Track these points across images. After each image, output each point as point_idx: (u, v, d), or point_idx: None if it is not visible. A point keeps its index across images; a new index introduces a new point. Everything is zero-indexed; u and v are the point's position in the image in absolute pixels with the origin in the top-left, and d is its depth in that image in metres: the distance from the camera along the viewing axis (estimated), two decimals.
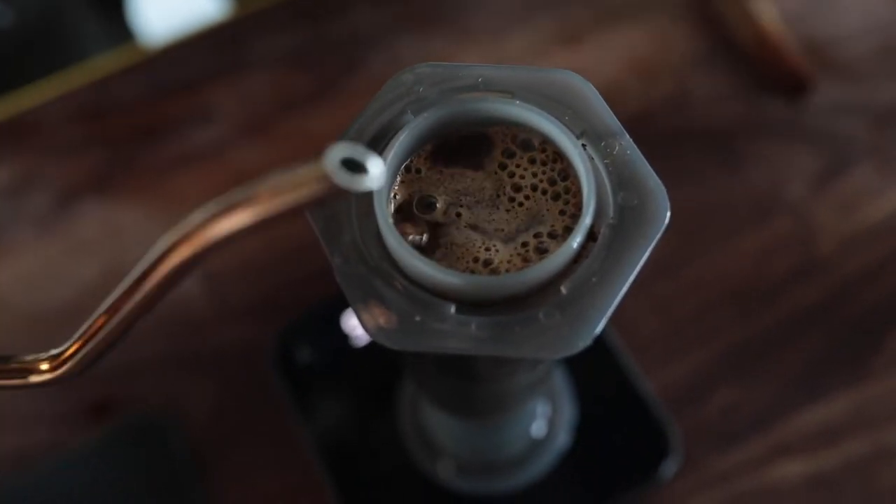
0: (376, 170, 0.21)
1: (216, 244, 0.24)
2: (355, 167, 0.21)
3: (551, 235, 0.28)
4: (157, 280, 0.25)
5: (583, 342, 0.26)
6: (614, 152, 0.29)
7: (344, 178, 0.21)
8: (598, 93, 0.30)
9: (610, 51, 0.61)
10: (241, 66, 0.63)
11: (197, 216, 0.23)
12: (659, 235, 0.28)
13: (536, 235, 0.28)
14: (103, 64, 0.62)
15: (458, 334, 0.27)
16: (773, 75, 0.59)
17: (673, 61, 0.61)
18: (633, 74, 0.61)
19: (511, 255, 0.28)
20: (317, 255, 0.58)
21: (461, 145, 0.30)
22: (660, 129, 0.58)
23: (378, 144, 0.29)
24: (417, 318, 0.27)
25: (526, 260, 0.28)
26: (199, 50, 0.64)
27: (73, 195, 0.58)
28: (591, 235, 0.28)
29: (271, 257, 0.55)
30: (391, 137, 0.29)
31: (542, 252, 0.28)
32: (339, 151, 0.21)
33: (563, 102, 0.30)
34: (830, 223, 0.55)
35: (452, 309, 0.27)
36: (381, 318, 0.27)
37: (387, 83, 0.31)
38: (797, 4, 0.63)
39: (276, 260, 0.55)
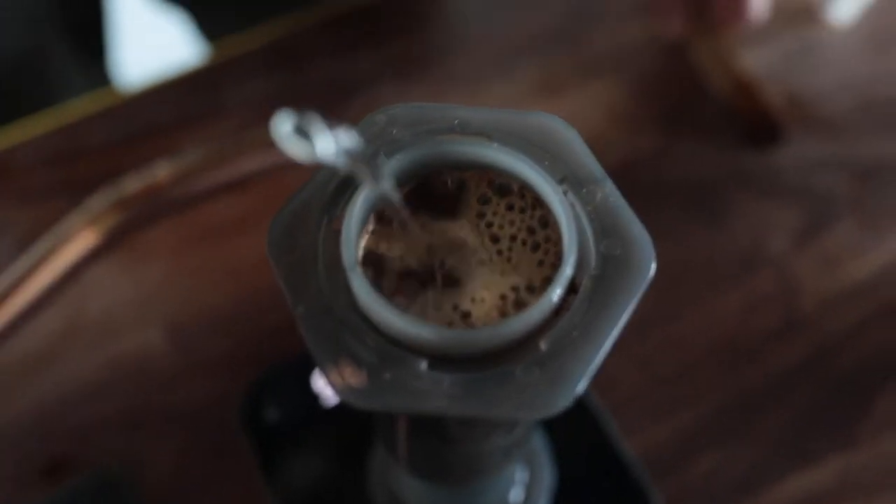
0: (323, 137, 0.22)
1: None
2: (305, 136, 0.22)
3: (529, 289, 0.27)
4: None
5: (564, 401, 0.25)
6: (596, 199, 0.28)
7: (293, 146, 0.22)
8: (580, 137, 0.29)
9: (590, 101, 0.60)
10: (217, 111, 0.61)
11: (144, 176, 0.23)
12: (644, 287, 0.26)
13: (514, 288, 0.27)
14: (76, 108, 0.61)
15: (431, 393, 0.25)
16: (749, 124, 0.58)
17: (653, 113, 0.60)
18: (614, 126, 0.60)
19: (488, 309, 0.26)
20: (286, 308, 0.56)
21: (436, 190, 0.28)
22: (640, 182, 0.57)
23: (347, 187, 0.28)
24: (387, 376, 0.25)
25: (503, 313, 0.26)
26: (174, 95, 0.62)
27: (36, 241, 0.55)
28: (572, 287, 0.27)
29: (239, 310, 0.53)
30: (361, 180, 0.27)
31: (520, 306, 0.26)
32: (286, 120, 0.22)
33: (544, 147, 0.28)
34: (813, 280, 0.54)
35: (425, 365, 0.25)
36: (348, 376, 0.25)
37: (359, 123, 0.29)
38: (775, 59, 0.63)
39: (243, 313, 0.53)
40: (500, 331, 0.25)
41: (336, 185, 0.28)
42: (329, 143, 0.22)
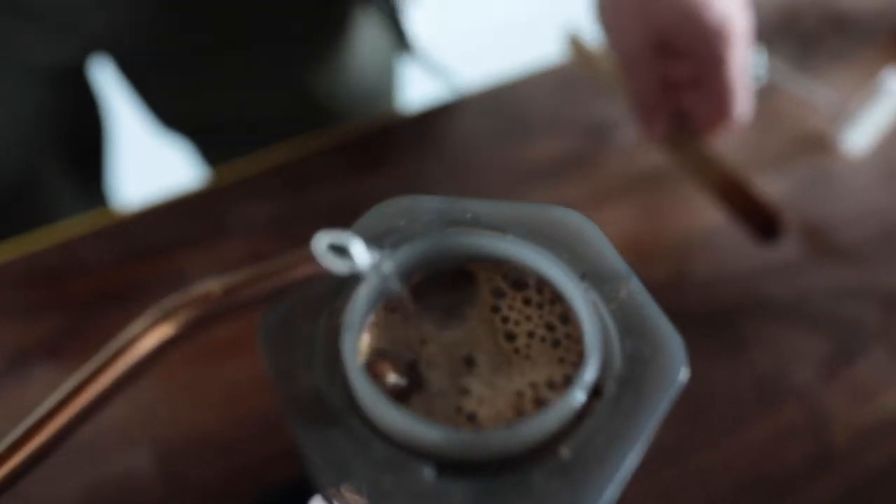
0: (359, 252, 0.23)
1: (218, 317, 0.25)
2: (341, 252, 0.23)
3: (549, 386, 0.24)
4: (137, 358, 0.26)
5: None
6: (620, 296, 0.25)
7: (330, 262, 0.23)
8: (600, 232, 0.27)
9: (603, 228, 0.59)
10: (218, 232, 0.60)
11: (197, 289, 0.25)
12: (675, 391, 0.24)
13: (532, 385, 0.24)
14: (71, 227, 0.59)
15: (437, 502, 0.22)
16: (748, 221, 0.55)
17: (668, 240, 0.59)
18: (627, 253, 0.58)
19: (501, 408, 0.24)
20: (279, 434, 0.53)
21: (446, 284, 0.26)
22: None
23: (347, 281, 0.26)
24: (388, 485, 0.22)
25: (520, 412, 0.23)
26: (175, 216, 0.61)
27: (23, 359, 0.53)
28: (596, 390, 0.24)
29: (231, 433, 0.50)
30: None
31: (540, 403, 0.24)
32: (325, 237, 0.23)
33: (561, 242, 0.26)
34: (843, 412, 0.51)
35: (431, 472, 0.22)
36: (347, 494, 0.22)
37: (367, 214, 0.27)
38: (792, 189, 0.62)
39: (235, 436, 0.50)
40: (518, 433, 0.22)
41: (336, 280, 0.26)
42: (365, 258, 0.23)
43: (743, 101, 0.53)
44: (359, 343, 0.24)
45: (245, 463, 0.49)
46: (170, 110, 0.71)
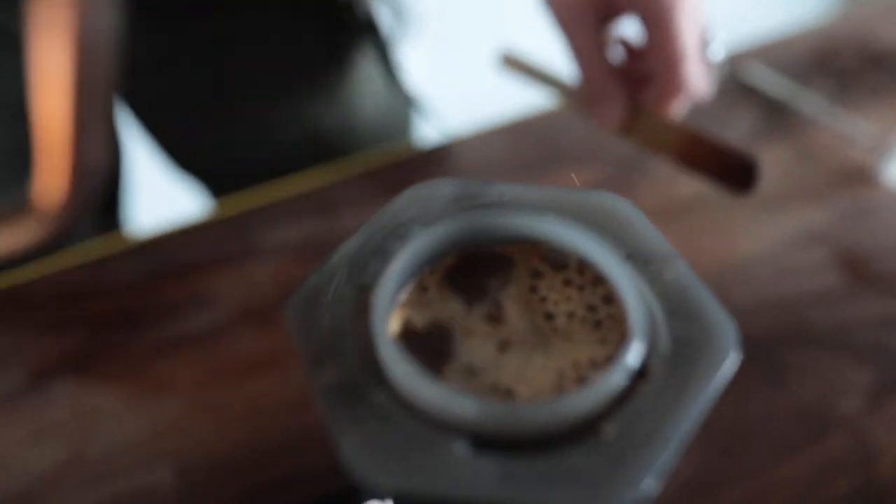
0: None
1: None
2: None
3: (592, 365, 0.23)
4: None
5: (628, 496, 0.20)
6: (666, 278, 0.24)
7: None
8: (642, 215, 0.26)
9: None
10: (245, 254, 0.59)
11: None
12: (726, 373, 0.22)
13: (575, 365, 0.23)
14: (98, 247, 0.59)
15: (470, 480, 0.21)
16: (720, 172, 0.52)
17: (706, 269, 0.57)
18: None
19: (541, 385, 0.22)
20: (298, 457, 0.52)
21: (482, 265, 0.25)
22: None
23: (381, 256, 0.25)
24: (419, 460, 0.21)
25: (561, 391, 0.22)
26: (203, 237, 0.61)
27: (46, 375, 0.52)
28: (642, 371, 0.23)
29: (255, 454, 0.49)
30: (397, 248, 0.24)
31: (583, 383, 0.22)
32: None
33: (602, 224, 0.25)
34: (893, 445, 0.49)
35: (464, 448, 0.21)
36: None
37: (397, 197, 0.26)
38: (832, 220, 0.60)
39: (259, 457, 0.48)
40: (559, 408, 0.21)
41: (370, 250, 0.25)
42: None
43: (695, 73, 0.50)
44: (389, 318, 0.23)
45: (266, 483, 0.47)
46: (178, 148, 0.71)
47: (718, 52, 0.55)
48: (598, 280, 0.24)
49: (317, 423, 0.49)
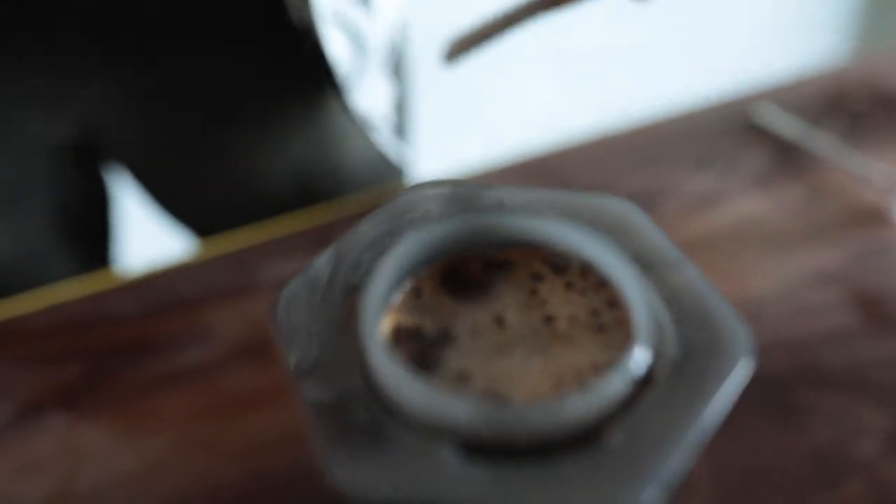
0: None
1: None
2: None
3: (595, 370, 0.21)
4: None
5: None
6: (674, 282, 0.23)
7: None
8: (649, 220, 0.24)
9: None
10: (246, 288, 0.58)
11: None
12: (738, 378, 0.21)
13: (576, 370, 0.21)
14: (95, 282, 0.58)
15: (462, 489, 0.19)
16: None
17: None
18: None
19: (540, 390, 0.21)
20: (293, 496, 0.50)
21: (480, 269, 0.24)
22: None
23: (373, 257, 0.23)
24: (405, 466, 0.19)
25: (560, 395, 0.21)
26: (205, 271, 0.60)
27: (36, 408, 0.51)
28: (647, 378, 0.21)
29: (247, 493, 0.47)
30: (390, 249, 0.23)
31: (583, 387, 0.21)
32: None
33: (607, 228, 0.24)
34: None
35: (453, 454, 0.19)
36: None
37: (396, 198, 0.25)
38: (845, 260, 0.59)
39: (248, 498, 0.47)
40: (558, 411, 0.19)
41: (362, 248, 0.23)
42: None
43: None
44: (380, 321, 0.22)
45: None
46: (163, 192, 0.70)
47: None
48: (601, 284, 0.23)
49: (312, 459, 0.48)
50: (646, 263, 0.23)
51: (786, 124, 0.68)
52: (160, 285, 0.59)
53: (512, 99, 1.59)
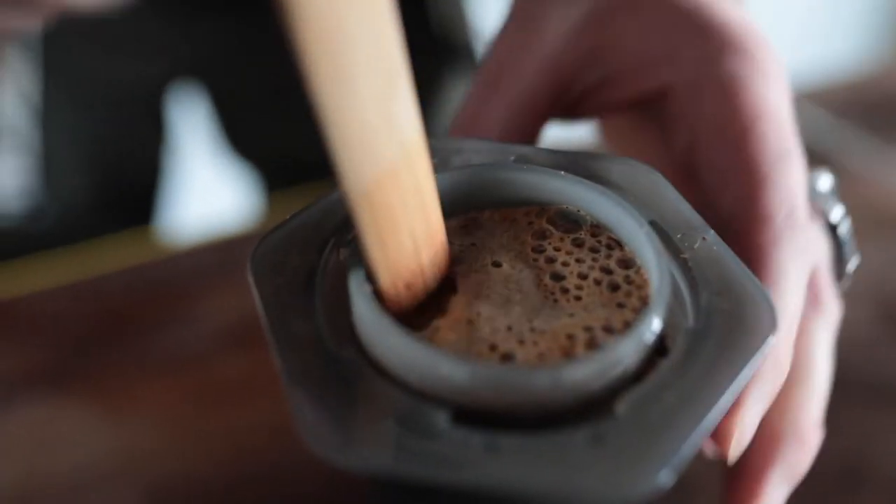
0: None
1: None
2: None
3: (607, 331, 0.19)
4: None
5: (641, 485, 0.16)
6: (694, 246, 0.21)
7: None
8: (671, 185, 0.22)
9: None
10: (235, 275, 0.56)
11: None
12: (763, 350, 0.19)
13: (587, 329, 0.19)
14: (87, 265, 0.57)
15: (453, 459, 0.17)
16: None
17: None
18: None
19: (547, 350, 0.19)
20: (279, 484, 0.47)
21: (481, 225, 0.22)
22: None
23: None
24: (392, 432, 0.17)
25: (570, 357, 0.19)
26: (189, 258, 0.58)
27: (13, 391, 0.49)
28: (661, 347, 0.19)
29: (233, 483, 0.45)
30: None
31: (594, 349, 0.19)
32: None
33: (626, 190, 0.22)
34: None
35: (445, 419, 0.17)
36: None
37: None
38: (874, 269, 0.57)
39: (237, 486, 0.45)
40: (565, 374, 0.17)
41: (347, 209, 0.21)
42: None
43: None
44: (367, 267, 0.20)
45: None
46: (245, 138, 0.71)
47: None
48: (613, 244, 0.21)
49: (300, 449, 0.46)
50: (666, 226, 0.21)
51: (810, 130, 0.66)
52: (148, 272, 0.57)
53: None
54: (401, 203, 0.18)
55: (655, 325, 0.18)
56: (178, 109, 0.74)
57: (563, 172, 0.21)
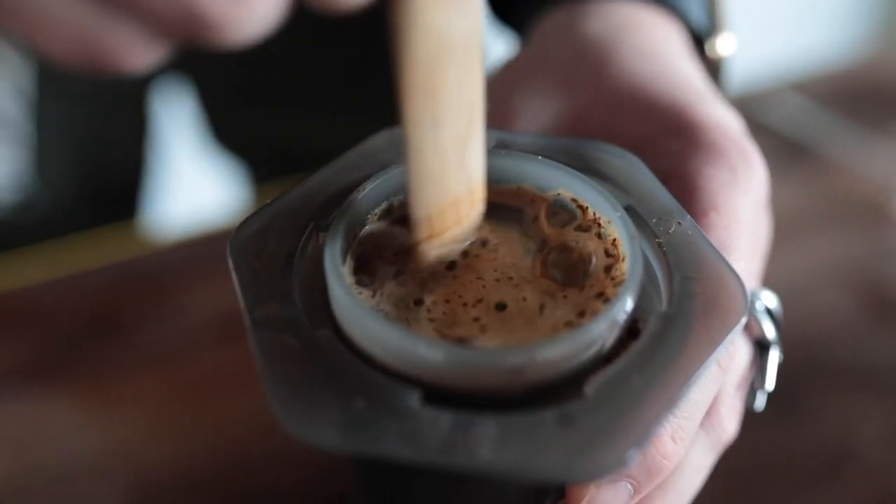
0: None
1: None
2: None
3: (579, 315, 0.19)
4: None
5: (609, 465, 0.17)
6: (671, 230, 0.21)
7: None
8: (649, 170, 0.23)
9: None
10: (219, 269, 0.56)
11: None
12: (735, 332, 0.19)
13: (562, 314, 0.19)
14: (82, 256, 0.57)
15: (423, 438, 0.17)
16: None
17: None
18: None
19: (523, 332, 0.19)
20: (264, 475, 0.48)
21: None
22: None
23: (345, 193, 0.22)
24: (363, 411, 0.18)
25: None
26: (175, 252, 0.58)
27: (3, 383, 0.49)
28: (632, 330, 0.19)
29: (220, 476, 0.45)
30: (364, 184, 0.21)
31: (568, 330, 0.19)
32: None
33: (603, 175, 0.22)
34: None
35: (417, 399, 0.18)
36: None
37: (372, 136, 0.23)
38: (855, 255, 0.57)
39: (224, 480, 0.45)
40: (534, 355, 0.17)
41: (330, 196, 0.22)
42: None
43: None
44: (347, 254, 0.20)
45: (229, 501, 0.44)
46: (230, 130, 0.71)
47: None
48: (591, 226, 0.21)
49: (288, 440, 0.46)
50: (643, 211, 0.21)
51: (794, 119, 0.67)
52: (134, 267, 0.57)
53: None
54: (455, 223, 0.20)
55: (628, 305, 0.19)
56: (163, 103, 0.74)
57: (540, 157, 0.22)
